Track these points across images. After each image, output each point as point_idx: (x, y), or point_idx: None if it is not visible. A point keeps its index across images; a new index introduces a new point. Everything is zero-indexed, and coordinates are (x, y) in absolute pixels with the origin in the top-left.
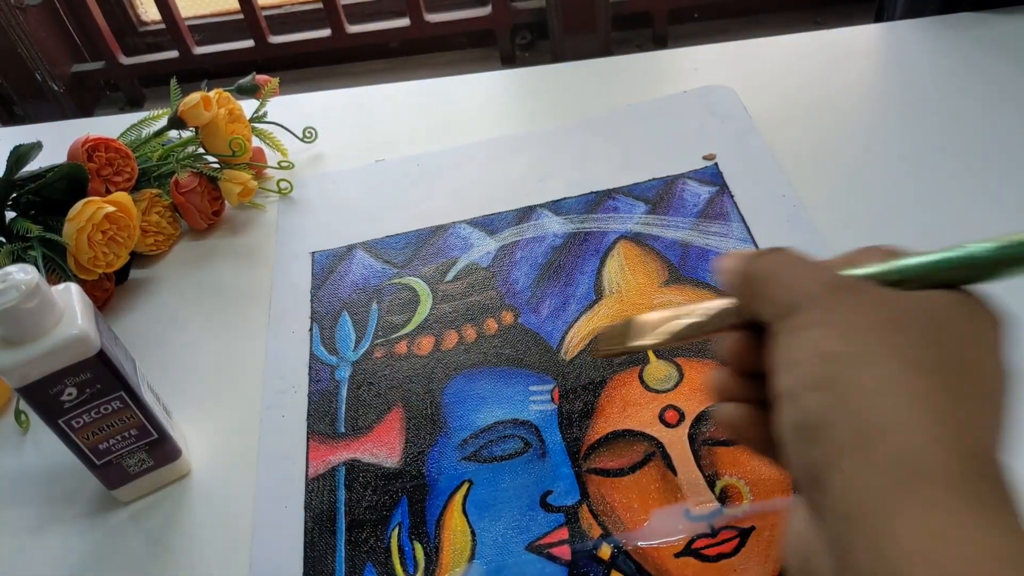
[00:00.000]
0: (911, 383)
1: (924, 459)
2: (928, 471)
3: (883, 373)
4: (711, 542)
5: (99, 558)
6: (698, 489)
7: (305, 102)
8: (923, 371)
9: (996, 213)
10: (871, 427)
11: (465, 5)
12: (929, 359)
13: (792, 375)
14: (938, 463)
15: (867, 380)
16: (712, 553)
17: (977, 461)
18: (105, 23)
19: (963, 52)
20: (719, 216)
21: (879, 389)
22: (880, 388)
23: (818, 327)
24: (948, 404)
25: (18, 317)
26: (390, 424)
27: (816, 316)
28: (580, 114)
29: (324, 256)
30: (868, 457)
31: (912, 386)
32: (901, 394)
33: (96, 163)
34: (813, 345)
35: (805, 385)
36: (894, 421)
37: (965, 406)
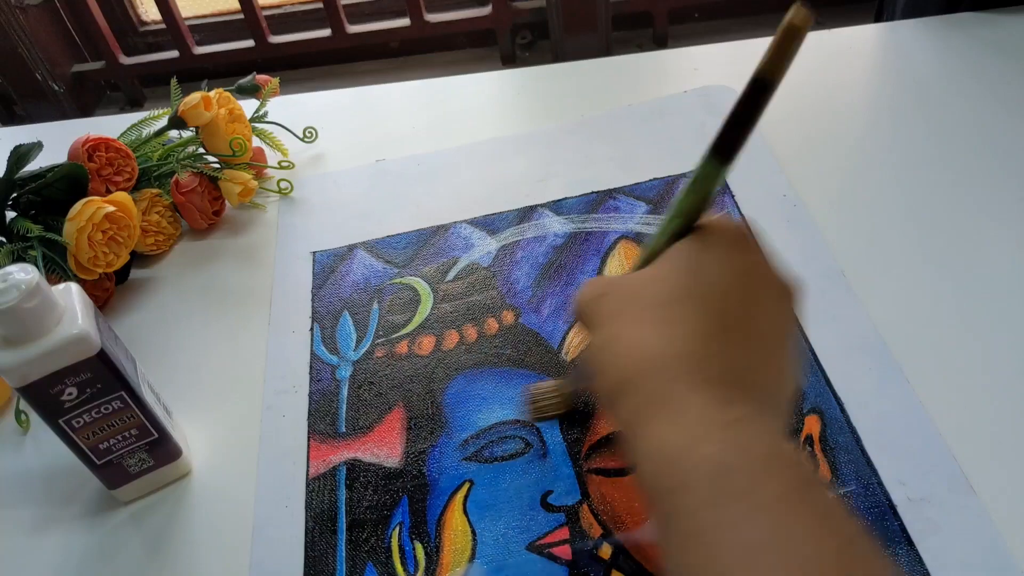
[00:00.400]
0: (656, 333)
1: (654, 385)
2: (655, 392)
3: (634, 334)
4: None
5: (99, 558)
6: None
7: (305, 102)
8: (672, 324)
9: (996, 213)
10: (626, 376)
11: (465, 5)
12: (676, 308)
13: (594, 367)
14: (660, 386)
15: (626, 348)
16: None
17: (699, 373)
18: (105, 23)
19: (963, 52)
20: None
21: (631, 350)
22: (631, 348)
23: (597, 327)
24: (685, 341)
25: (18, 317)
26: (391, 424)
27: (596, 319)
28: (580, 114)
29: (325, 256)
30: (629, 397)
31: (656, 335)
32: (643, 347)
33: (96, 163)
34: (595, 343)
35: (596, 372)
36: (637, 367)
37: (718, 340)
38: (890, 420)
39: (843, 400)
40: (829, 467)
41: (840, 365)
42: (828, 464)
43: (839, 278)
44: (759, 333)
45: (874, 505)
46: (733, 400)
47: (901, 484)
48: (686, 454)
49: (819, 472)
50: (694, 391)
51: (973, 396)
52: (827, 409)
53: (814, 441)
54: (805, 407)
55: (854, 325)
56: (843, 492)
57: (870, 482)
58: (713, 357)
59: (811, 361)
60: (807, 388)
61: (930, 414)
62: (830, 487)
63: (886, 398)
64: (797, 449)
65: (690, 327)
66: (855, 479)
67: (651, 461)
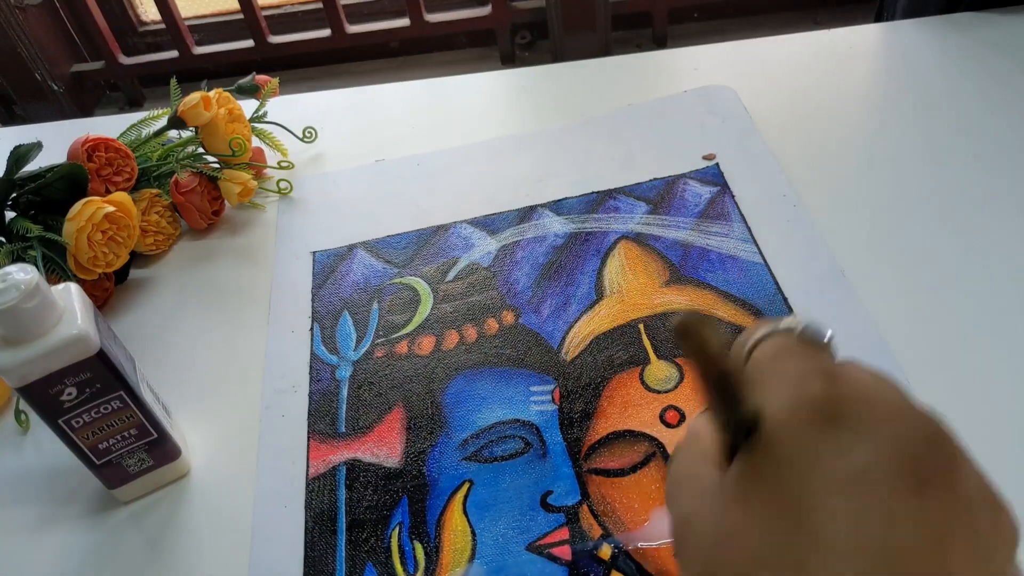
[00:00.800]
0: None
1: None
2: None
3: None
4: None
5: (99, 558)
6: None
7: (305, 102)
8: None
9: (997, 213)
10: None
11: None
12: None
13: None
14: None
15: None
16: None
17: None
18: (105, 23)
19: (964, 52)
20: (720, 216)
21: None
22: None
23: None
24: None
25: (18, 317)
26: (391, 424)
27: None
28: (580, 114)
29: (325, 256)
30: None
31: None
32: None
33: (96, 163)
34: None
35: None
36: None
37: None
38: None
39: None
40: None
41: None
42: None
43: (839, 278)
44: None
45: None
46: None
47: None
48: None
49: None
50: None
51: (973, 396)
52: None
53: None
54: None
55: (854, 325)
56: None
57: None
58: None
59: None
60: None
61: None
62: None
63: None
64: None
65: None
66: None
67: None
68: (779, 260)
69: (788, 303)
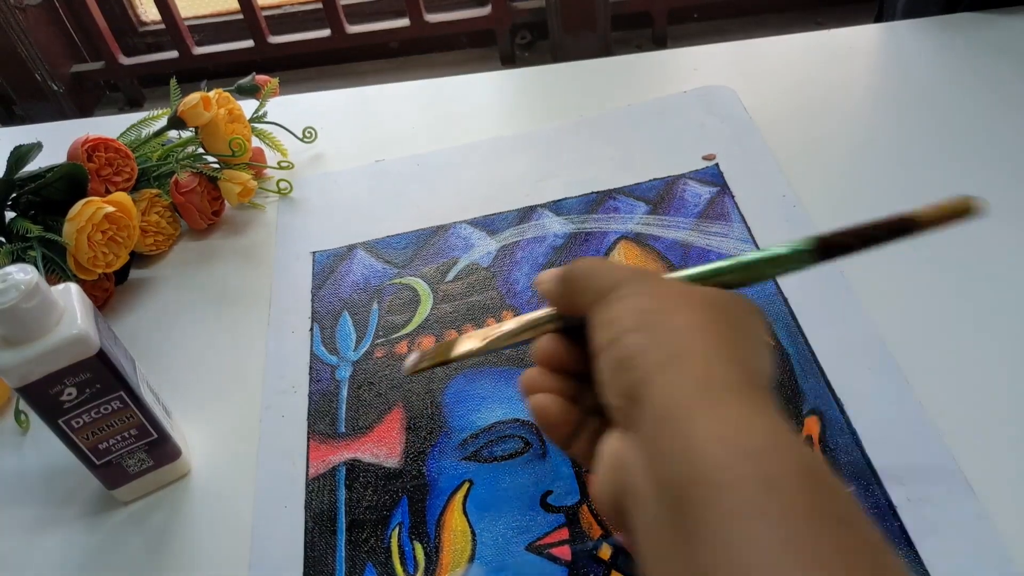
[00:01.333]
0: (707, 327)
1: (717, 374)
2: (720, 382)
3: (687, 319)
4: None
5: (99, 558)
6: None
7: (305, 102)
8: (713, 322)
9: (996, 212)
10: (679, 351)
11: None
12: (716, 318)
13: (613, 327)
14: (728, 377)
15: (676, 321)
16: None
17: (753, 379)
18: (105, 23)
19: (963, 52)
20: (720, 217)
21: (684, 328)
22: (685, 327)
23: (633, 295)
24: (732, 344)
25: (18, 317)
26: (390, 424)
27: (630, 289)
28: (580, 114)
29: (325, 256)
30: (677, 372)
31: (708, 329)
32: (701, 331)
33: (96, 163)
34: (631, 304)
35: (625, 330)
36: (696, 348)
37: (743, 347)
38: (890, 420)
39: (843, 401)
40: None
41: (840, 365)
42: (828, 464)
43: (839, 278)
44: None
45: (874, 505)
46: (768, 407)
47: (901, 484)
48: (770, 452)
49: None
50: (758, 391)
51: (973, 396)
52: (827, 410)
53: (814, 442)
54: (805, 408)
55: (854, 325)
56: None
57: (870, 482)
58: (762, 377)
59: (811, 361)
60: (807, 389)
61: (930, 414)
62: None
63: (886, 398)
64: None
65: (739, 347)
66: (855, 479)
67: (718, 449)
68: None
69: (788, 303)
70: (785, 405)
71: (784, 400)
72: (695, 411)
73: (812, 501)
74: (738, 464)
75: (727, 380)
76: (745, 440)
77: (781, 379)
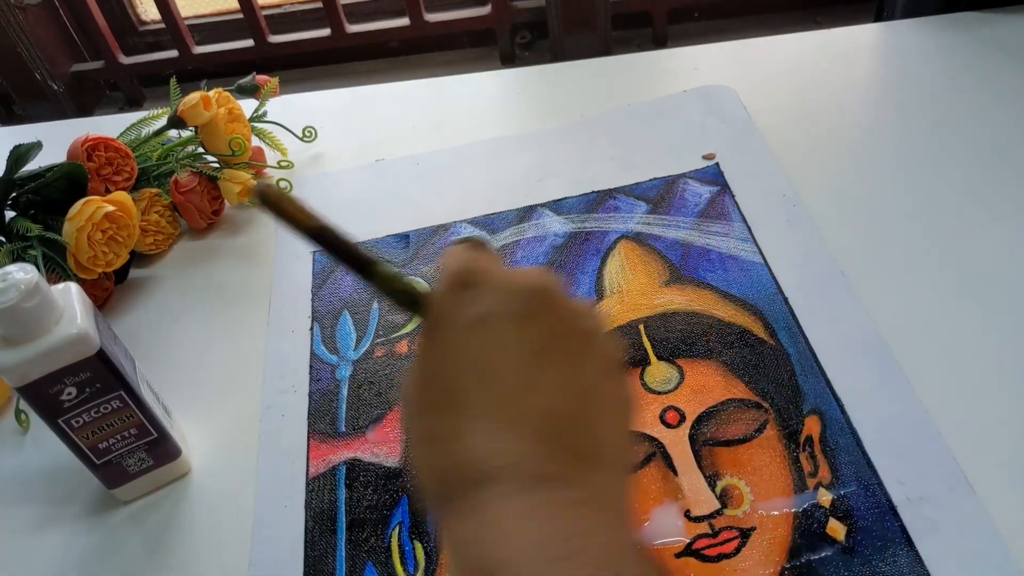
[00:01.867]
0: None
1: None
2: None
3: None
4: (712, 542)
5: (99, 558)
6: (698, 489)
7: (305, 102)
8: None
9: (996, 212)
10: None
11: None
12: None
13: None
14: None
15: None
16: (713, 553)
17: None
18: (105, 23)
19: (963, 51)
20: (720, 216)
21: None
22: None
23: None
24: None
25: (18, 316)
26: (391, 423)
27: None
28: (580, 114)
29: (325, 256)
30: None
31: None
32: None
33: (96, 163)
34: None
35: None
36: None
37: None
38: (890, 420)
39: (843, 400)
40: (829, 467)
41: (840, 365)
42: (828, 464)
43: (839, 278)
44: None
45: (874, 505)
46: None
47: (901, 484)
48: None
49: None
50: (464, 502)
51: (973, 396)
52: (827, 410)
53: (814, 442)
54: (805, 408)
55: (854, 325)
56: (843, 492)
57: (870, 482)
58: (472, 462)
59: (812, 361)
60: (807, 388)
61: (930, 414)
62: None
63: (886, 398)
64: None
65: (446, 434)
66: (855, 479)
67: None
68: (779, 260)
69: (788, 303)
70: (786, 405)
71: (785, 399)
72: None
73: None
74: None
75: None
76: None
77: (781, 378)
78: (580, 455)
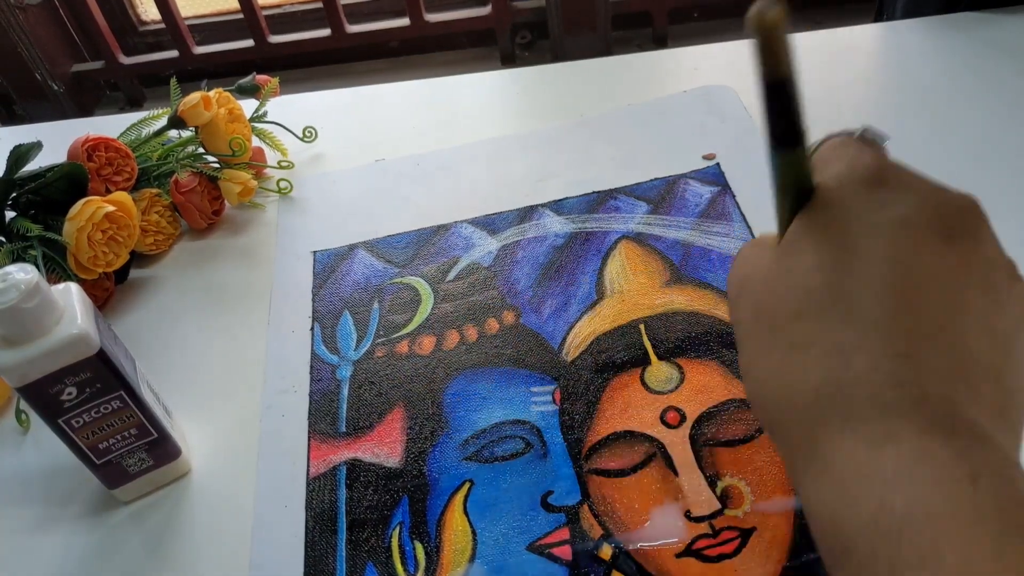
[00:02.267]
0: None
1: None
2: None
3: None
4: (712, 542)
5: (99, 558)
6: (699, 490)
7: (305, 102)
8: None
9: (995, 212)
10: (773, 421)
11: (465, 5)
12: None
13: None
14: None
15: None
16: (713, 553)
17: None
18: (105, 23)
19: (963, 52)
20: (721, 216)
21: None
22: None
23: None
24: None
25: (18, 317)
26: (391, 424)
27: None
28: (580, 114)
29: (325, 255)
30: (781, 442)
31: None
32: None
33: (96, 163)
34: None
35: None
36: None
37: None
38: None
39: None
40: None
41: None
42: None
43: None
44: (952, 331)
45: None
46: (900, 435)
47: None
48: (844, 516)
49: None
50: (842, 435)
51: None
52: None
53: None
54: None
55: None
56: None
57: None
58: (863, 383)
59: None
60: None
61: None
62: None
63: None
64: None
65: (830, 345)
66: None
67: (813, 521)
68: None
69: None
70: None
71: None
72: (801, 483)
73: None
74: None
75: (834, 427)
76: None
77: None
78: (994, 412)
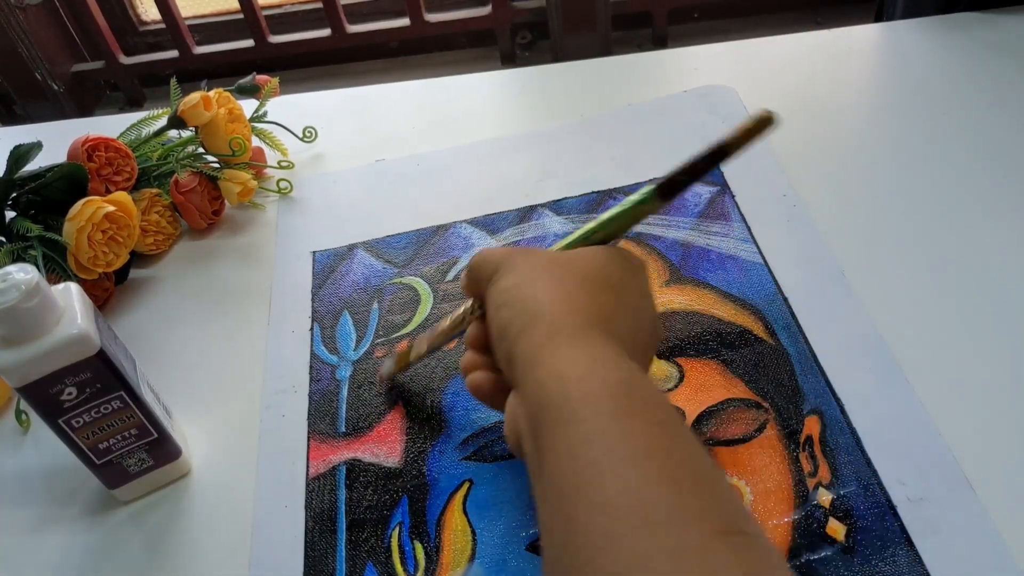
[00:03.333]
0: (560, 289)
1: (560, 323)
2: (561, 328)
3: (543, 286)
4: None
5: (99, 558)
6: None
7: (305, 102)
8: (572, 281)
9: (996, 212)
10: (533, 316)
11: (465, 5)
12: (578, 278)
13: (491, 307)
14: (567, 324)
15: (534, 291)
16: None
17: (598, 325)
18: (105, 23)
19: (963, 52)
20: (720, 216)
21: (539, 295)
22: (540, 295)
23: (504, 275)
24: (584, 299)
25: (18, 317)
26: (391, 424)
27: (503, 271)
28: (580, 114)
29: (325, 256)
30: (532, 330)
31: (560, 290)
32: (552, 294)
33: (96, 163)
34: (501, 284)
35: (497, 307)
36: (545, 310)
37: (600, 298)
38: (890, 420)
39: (843, 400)
40: (829, 467)
41: (840, 365)
42: (828, 464)
43: (839, 278)
44: (638, 313)
45: (874, 505)
46: (622, 353)
47: (901, 484)
48: (590, 375)
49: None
50: (593, 330)
51: (973, 396)
52: (827, 409)
53: (814, 442)
54: (805, 408)
55: (854, 325)
56: (843, 492)
57: (870, 482)
58: (607, 319)
59: (811, 361)
60: (807, 388)
61: (930, 414)
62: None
63: (886, 398)
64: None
65: (589, 296)
66: (855, 479)
67: (554, 381)
68: (779, 260)
69: (788, 302)
70: (786, 404)
71: (784, 399)
72: (541, 359)
73: (626, 407)
74: (565, 387)
75: (568, 330)
76: (571, 369)
77: (781, 378)
78: (630, 346)
